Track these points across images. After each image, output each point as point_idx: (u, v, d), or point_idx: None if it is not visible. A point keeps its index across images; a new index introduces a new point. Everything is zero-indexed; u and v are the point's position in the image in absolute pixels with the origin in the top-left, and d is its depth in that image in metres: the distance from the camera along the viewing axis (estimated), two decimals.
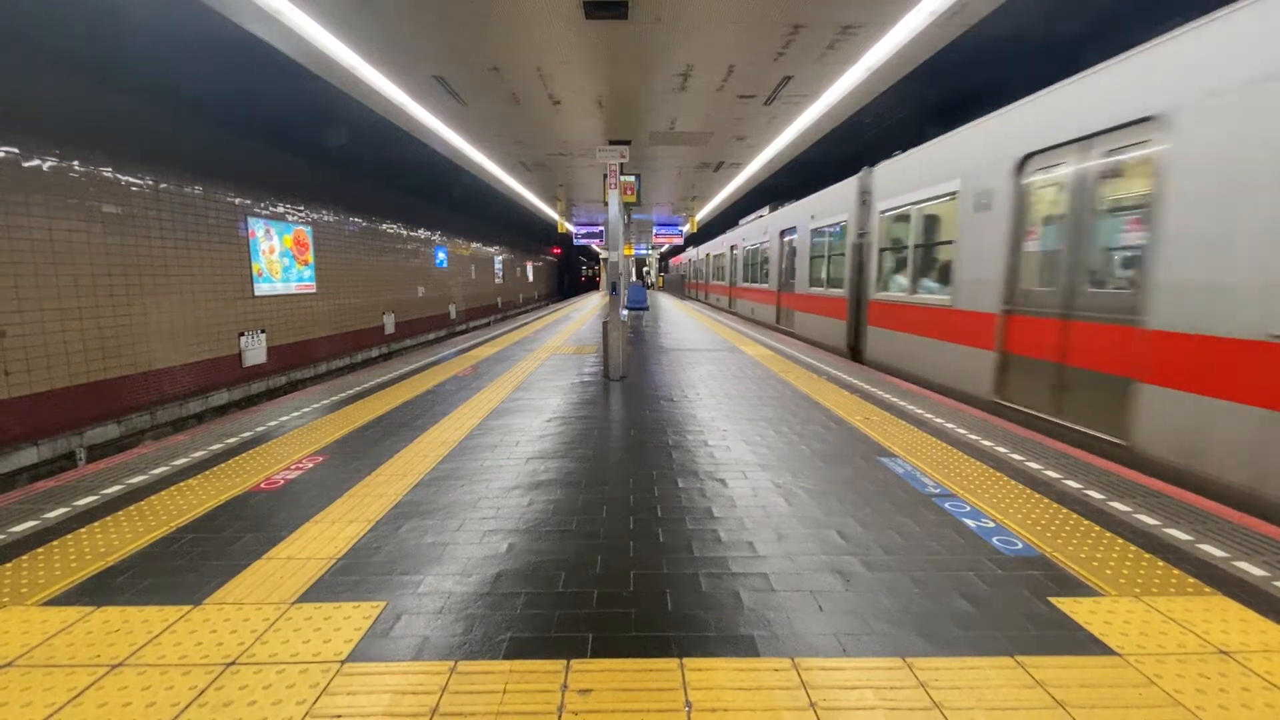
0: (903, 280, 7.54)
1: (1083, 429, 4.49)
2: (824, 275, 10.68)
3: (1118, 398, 4.14)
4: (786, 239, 13.18)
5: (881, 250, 8.10)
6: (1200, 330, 3.56)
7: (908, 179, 7.30)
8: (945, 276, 6.54)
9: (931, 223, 6.96)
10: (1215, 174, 3.49)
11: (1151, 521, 2.82)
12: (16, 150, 6.79)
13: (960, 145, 6.23)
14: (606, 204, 7.37)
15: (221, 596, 2.20)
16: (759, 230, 15.69)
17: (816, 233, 11.02)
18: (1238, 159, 3.35)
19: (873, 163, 8.64)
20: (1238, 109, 3.36)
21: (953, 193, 6.25)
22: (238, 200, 10.60)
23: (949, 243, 6.43)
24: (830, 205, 10.20)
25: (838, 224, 9.78)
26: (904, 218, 7.44)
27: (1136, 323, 4.01)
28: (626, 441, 4.20)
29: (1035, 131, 5.06)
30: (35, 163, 7.00)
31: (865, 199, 8.73)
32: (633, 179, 9.46)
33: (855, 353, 9.11)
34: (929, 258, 7.04)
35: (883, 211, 7.99)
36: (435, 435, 4.38)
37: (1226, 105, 3.43)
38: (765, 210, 15.33)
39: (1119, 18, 6.77)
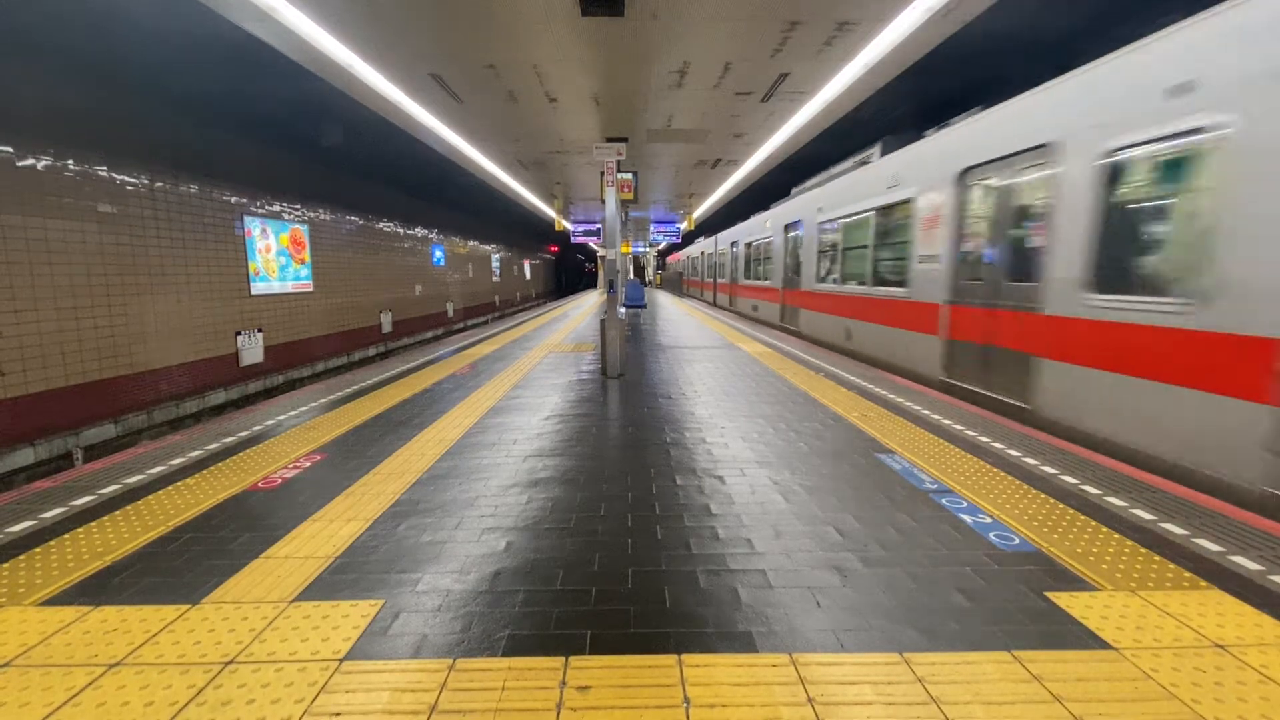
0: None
1: (789, 326, 12.10)
2: None
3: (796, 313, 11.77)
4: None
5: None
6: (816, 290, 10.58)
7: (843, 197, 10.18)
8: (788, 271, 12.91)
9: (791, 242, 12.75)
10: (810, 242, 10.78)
11: (1148, 516, 2.83)
12: (10, 150, 6.75)
13: (792, 207, 12.25)
14: (604, 201, 7.37)
15: (220, 596, 2.20)
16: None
17: None
18: (805, 241, 11.22)
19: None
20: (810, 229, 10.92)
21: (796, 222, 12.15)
22: (234, 199, 10.56)
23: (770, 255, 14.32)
24: None
25: None
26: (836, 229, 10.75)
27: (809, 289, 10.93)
28: (624, 439, 4.20)
29: (799, 213, 11.66)
30: (30, 162, 6.97)
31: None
32: (630, 176, 9.45)
33: None
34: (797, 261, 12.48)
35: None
36: (433, 434, 4.37)
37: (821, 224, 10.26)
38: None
39: (1113, 13, 6.78)
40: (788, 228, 12.44)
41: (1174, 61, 3.83)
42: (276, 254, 11.79)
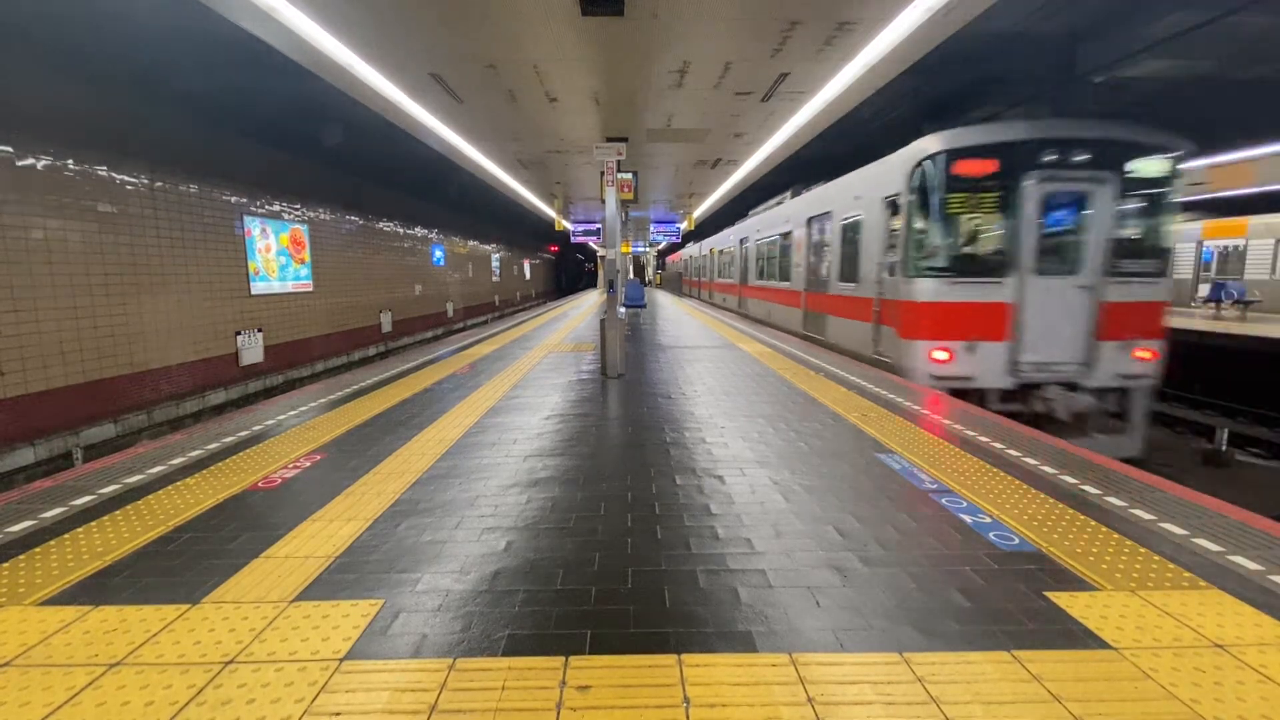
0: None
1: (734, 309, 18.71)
2: None
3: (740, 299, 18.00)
4: None
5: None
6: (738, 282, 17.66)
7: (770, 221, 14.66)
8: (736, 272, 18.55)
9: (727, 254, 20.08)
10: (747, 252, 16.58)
11: (1147, 516, 2.83)
12: (10, 149, 6.75)
13: (744, 226, 16.89)
14: (604, 201, 7.37)
15: (220, 595, 2.20)
16: None
17: None
18: (750, 251, 16.14)
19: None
20: (751, 243, 16.06)
21: (740, 241, 17.68)
22: (233, 199, 10.56)
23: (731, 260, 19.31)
24: None
25: None
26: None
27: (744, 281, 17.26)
28: (624, 439, 4.21)
29: (747, 231, 16.48)
30: (29, 161, 6.97)
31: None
32: (630, 176, 9.45)
33: None
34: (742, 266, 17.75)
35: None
36: (433, 433, 4.37)
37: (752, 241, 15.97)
38: None
39: (1114, 11, 6.78)
40: (741, 241, 17.56)
41: (857, 184, 8.37)
42: (276, 254, 11.79)
